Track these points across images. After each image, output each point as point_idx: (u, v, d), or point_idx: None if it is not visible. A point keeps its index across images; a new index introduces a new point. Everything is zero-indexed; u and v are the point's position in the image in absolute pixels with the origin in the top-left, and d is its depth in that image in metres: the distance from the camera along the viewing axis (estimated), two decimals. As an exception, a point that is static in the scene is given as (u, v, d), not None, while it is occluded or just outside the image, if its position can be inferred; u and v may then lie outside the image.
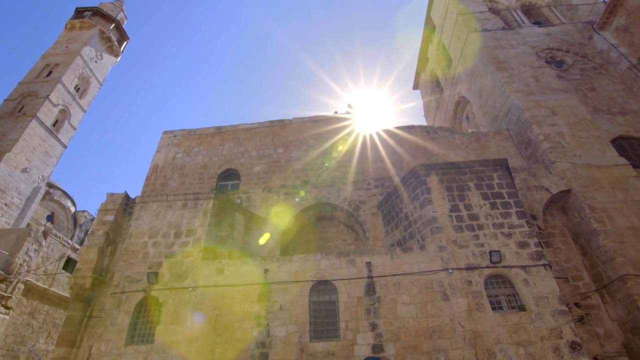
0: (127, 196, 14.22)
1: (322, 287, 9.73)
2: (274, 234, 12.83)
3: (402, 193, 11.81)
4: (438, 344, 8.46)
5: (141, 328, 9.82)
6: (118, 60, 37.70)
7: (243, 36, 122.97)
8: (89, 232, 26.54)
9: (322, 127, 17.85)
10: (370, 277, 9.64)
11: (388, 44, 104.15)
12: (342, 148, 16.75)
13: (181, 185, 16.52)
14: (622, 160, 13.16)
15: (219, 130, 18.59)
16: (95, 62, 33.93)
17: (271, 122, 18.67)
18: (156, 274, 10.18)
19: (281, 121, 18.59)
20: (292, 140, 17.64)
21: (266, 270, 9.98)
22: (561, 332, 8.26)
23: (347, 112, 18.64)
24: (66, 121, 29.91)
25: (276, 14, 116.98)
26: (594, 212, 11.78)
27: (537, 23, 21.71)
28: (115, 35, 36.85)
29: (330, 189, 13.89)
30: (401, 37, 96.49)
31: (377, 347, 8.58)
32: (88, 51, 32.93)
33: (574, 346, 8.05)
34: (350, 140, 16.99)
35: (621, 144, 14.75)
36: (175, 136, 18.56)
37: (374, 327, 8.88)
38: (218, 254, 11.11)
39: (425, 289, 9.31)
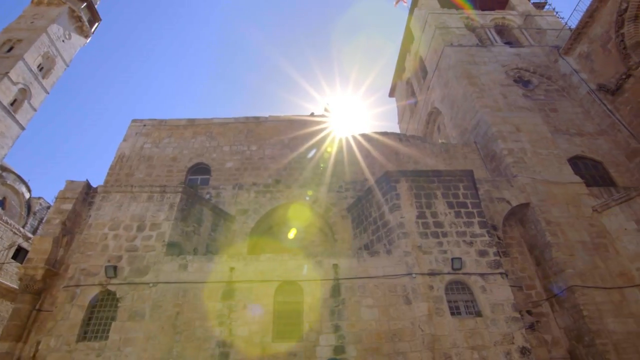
0: (88, 185, 13.59)
1: (288, 287, 9.69)
2: (242, 233, 12.66)
3: (372, 197, 12.00)
4: (398, 347, 8.65)
5: (95, 324, 9.35)
6: (88, 41, 35.90)
7: (219, 37, 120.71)
8: (43, 221, 25.04)
9: (298, 127, 17.81)
10: (336, 279, 9.70)
11: (365, 48, 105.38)
12: (318, 149, 16.80)
13: (148, 176, 15.94)
14: (577, 179, 14.07)
15: (191, 122, 18.11)
16: (63, 41, 32.08)
17: (246, 118, 18.41)
18: (115, 268, 9.75)
19: (257, 118, 18.38)
20: (266, 138, 17.47)
21: (232, 269, 9.81)
22: (513, 337, 8.69)
23: (323, 115, 18.72)
24: (26, 101, 28.11)
25: (252, 15, 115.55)
26: (549, 225, 12.49)
27: (509, 43, 22.76)
28: (86, 15, 35.01)
29: (302, 189, 13.87)
30: (378, 41, 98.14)
31: (339, 349, 8.65)
32: (55, 29, 31.07)
33: (524, 351, 8.49)
34: (327, 142, 17.06)
35: (577, 163, 15.76)
36: (144, 125, 17.89)
37: (337, 328, 8.94)
38: (183, 249, 10.81)
39: (389, 292, 9.49)
